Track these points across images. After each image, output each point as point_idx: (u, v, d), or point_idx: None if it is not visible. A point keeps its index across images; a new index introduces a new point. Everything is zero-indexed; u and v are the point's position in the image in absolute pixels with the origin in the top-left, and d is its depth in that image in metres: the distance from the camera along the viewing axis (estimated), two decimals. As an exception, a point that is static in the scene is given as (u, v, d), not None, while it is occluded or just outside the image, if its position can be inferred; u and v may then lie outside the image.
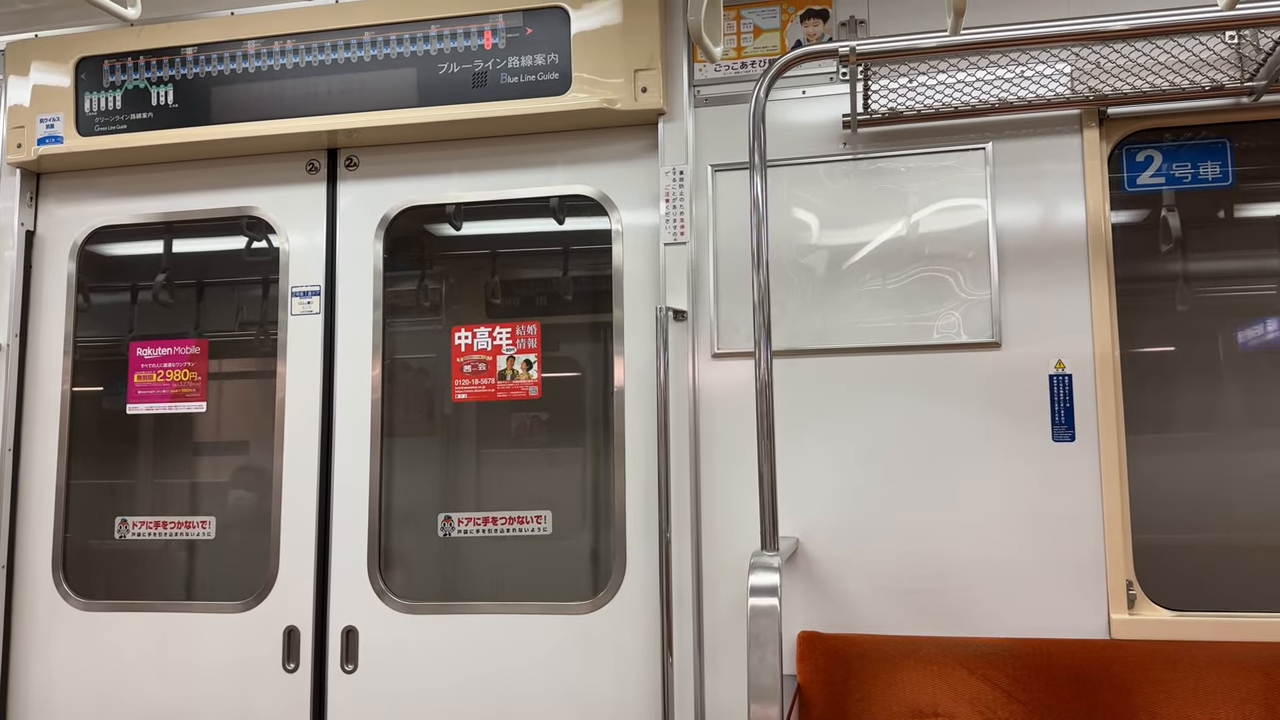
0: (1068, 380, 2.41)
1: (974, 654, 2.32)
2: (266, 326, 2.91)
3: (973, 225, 2.49)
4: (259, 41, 2.82)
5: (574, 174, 2.77)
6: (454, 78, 2.70)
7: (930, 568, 2.43)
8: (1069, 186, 2.45)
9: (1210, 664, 2.23)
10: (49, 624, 2.88)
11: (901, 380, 2.49)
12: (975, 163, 2.50)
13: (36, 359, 2.99)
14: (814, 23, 2.62)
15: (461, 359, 2.78)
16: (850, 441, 2.50)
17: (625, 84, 2.61)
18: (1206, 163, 2.45)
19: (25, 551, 2.92)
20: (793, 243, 2.58)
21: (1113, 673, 2.24)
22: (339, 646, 2.73)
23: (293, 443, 2.81)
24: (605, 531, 2.68)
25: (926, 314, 2.49)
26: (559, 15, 2.66)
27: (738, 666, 2.47)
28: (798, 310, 2.56)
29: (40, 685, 2.87)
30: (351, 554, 2.75)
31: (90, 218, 3.02)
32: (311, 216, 2.90)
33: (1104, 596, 2.35)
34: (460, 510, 2.76)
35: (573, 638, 2.61)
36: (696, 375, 2.59)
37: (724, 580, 2.52)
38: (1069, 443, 2.40)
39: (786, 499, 2.47)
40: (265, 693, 2.74)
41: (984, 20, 2.43)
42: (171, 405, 2.93)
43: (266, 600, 2.77)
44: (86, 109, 2.91)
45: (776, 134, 2.59)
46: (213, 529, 2.87)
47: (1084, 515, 2.37)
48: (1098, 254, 2.42)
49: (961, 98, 2.46)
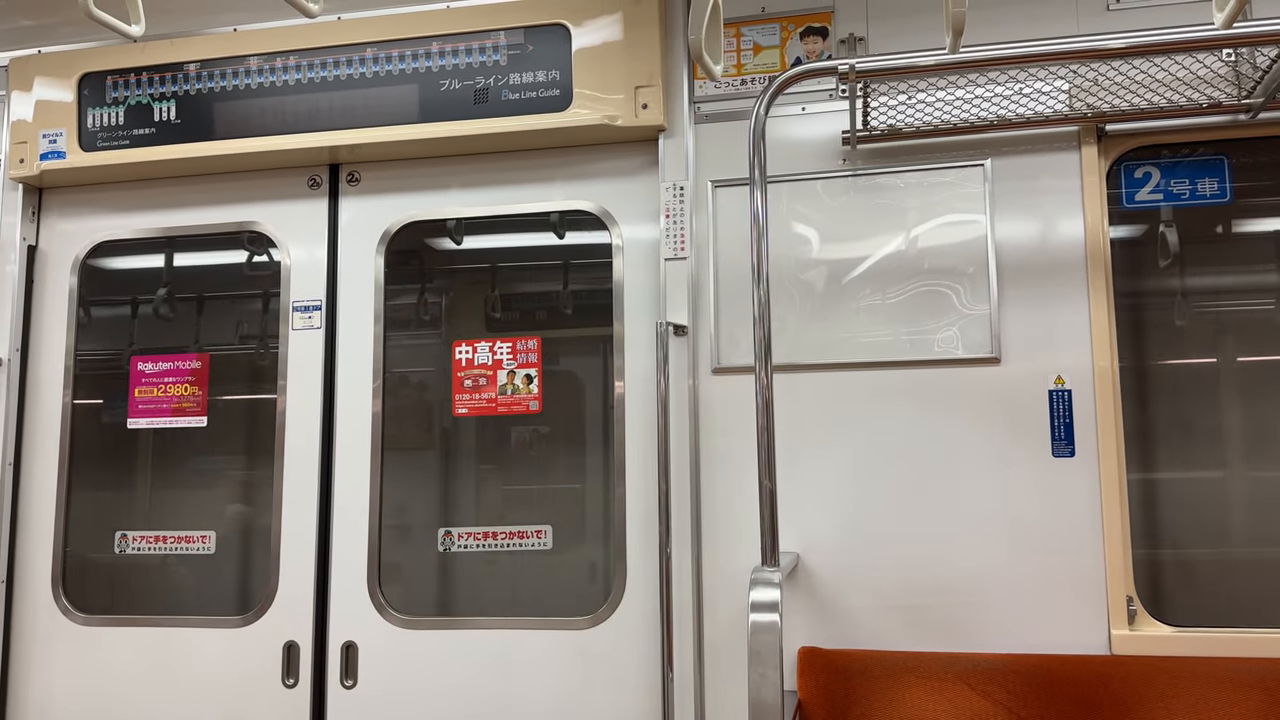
0: (1067, 395, 2.41)
1: (975, 670, 2.32)
2: (267, 341, 2.92)
3: (972, 241, 2.50)
4: (261, 58, 2.83)
5: (575, 189, 2.78)
6: (456, 94, 2.71)
7: (931, 583, 2.43)
8: (1068, 202, 2.47)
9: (1212, 680, 2.22)
10: (48, 638, 2.88)
11: (901, 395, 2.49)
12: (974, 179, 2.51)
13: (38, 374, 2.99)
14: (813, 40, 2.63)
15: (462, 373, 2.78)
16: (850, 456, 2.50)
17: (626, 100, 2.63)
18: (1204, 179, 2.46)
19: (25, 566, 2.92)
20: (792, 258, 2.58)
21: (1113, 689, 2.24)
22: (339, 662, 2.72)
23: (293, 457, 2.81)
24: (606, 546, 2.68)
25: (926, 329, 2.49)
26: (560, 32, 2.67)
27: (738, 682, 2.47)
28: (797, 325, 2.56)
29: (39, 700, 2.86)
30: (351, 569, 2.75)
31: (92, 233, 3.03)
32: (313, 231, 2.91)
33: (1104, 612, 2.35)
34: (460, 525, 2.76)
35: (573, 653, 2.61)
36: (697, 390, 2.59)
37: (724, 595, 2.52)
38: (1069, 458, 2.40)
39: (787, 514, 2.47)
40: (265, 708, 2.73)
41: (983, 38, 2.45)
42: (172, 420, 2.93)
43: (266, 615, 2.77)
44: (89, 124, 2.92)
45: (776, 150, 2.60)
46: (213, 543, 2.86)
47: (1084, 531, 2.37)
48: (1096, 270, 2.43)
49: (961, 114, 2.47)
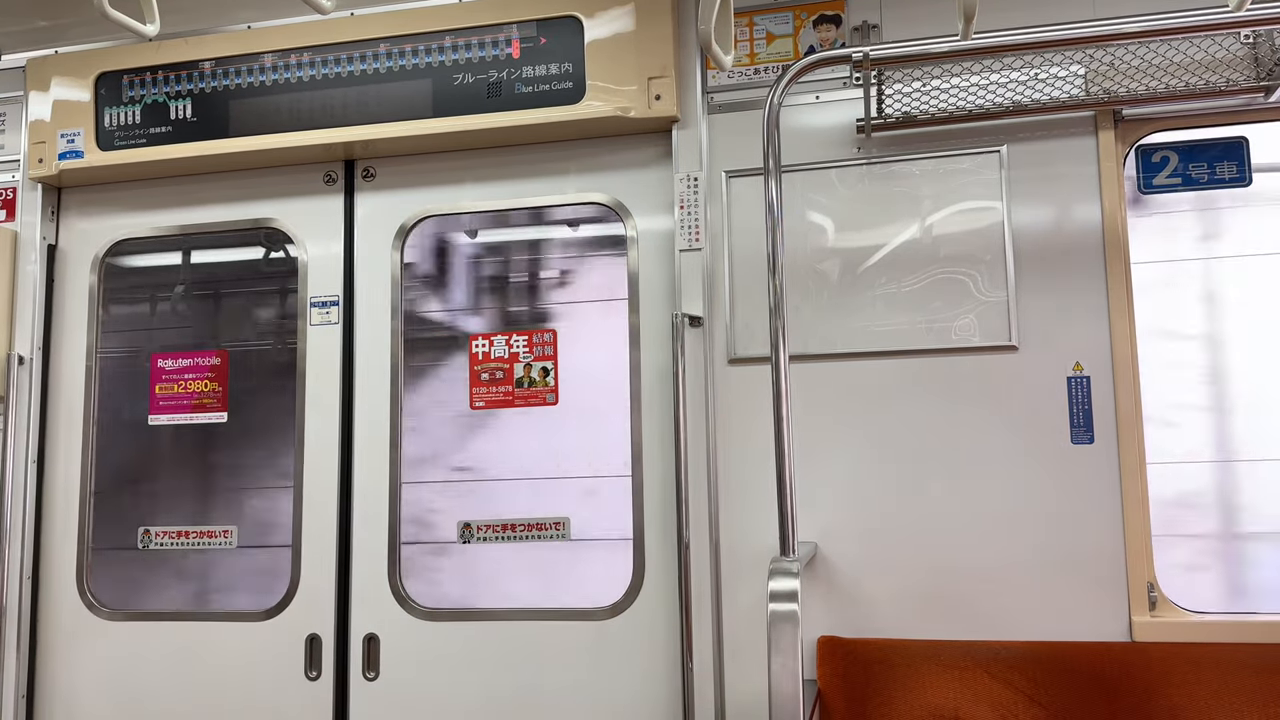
0: (1086, 382, 2.40)
1: (995, 657, 2.31)
2: (285, 337, 2.94)
3: (988, 228, 2.48)
4: (276, 55, 2.84)
5: (589, 181, 2.78)
6: (469, 88, 2.72)
7: (949, 571, 2.43)
8: (1085, 188, 2.45)
9: (1233, 666, 2.22)
10: (74, 634, 2.91)
11: (918, 384, 2.49)
12: (990, 165, 2.50)
13: (59, 371, 3.02)
14: (826, 28, 2.62)
15: (479, 367, 2.79)
16: (867, 445, 2.50)
17: (639, 92, 2.62)
18: (1223, 163, 2.44)
19: (50, 562, 2.95)
20: (807, 247, 2.58)
21: (1134, 675, 2.24)
22: (360, 654, 2.75)
23: (313, 451, 2.83)
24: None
25: (943, 317, 2.48)
26: (572, 25, 2.67)
27: (758, 671, 2.47)
28: (813, 315, 2.56)
29: (65, 695, 2.90)
30: (372, 562, 2.77)
31: (111, 231, 3.06)
32: (329, 227, 2.92)
33: (1125, 599, 2.34)
34: (479, 517, 2.76)
35: (593, 643, 2.62)
36: (713, 381, 2.59)
37: (743, 585, 2.52)
38: (1088, 445, 2.39)
39: (804, 503, 2.47)
40: (288, 701, 2.76)
41: (998, 23, 2.43)
42: (192, 416, 2.96)
43: (288, 609, 2.79)
44: (106, 124, 2.94)
45: (790, 139, 2.58)
46: (235, 538, 2.89)
47: (1104, 517, 2.36)
48: (1115, 255, 2.42)
49: (975, 101, 2.46)
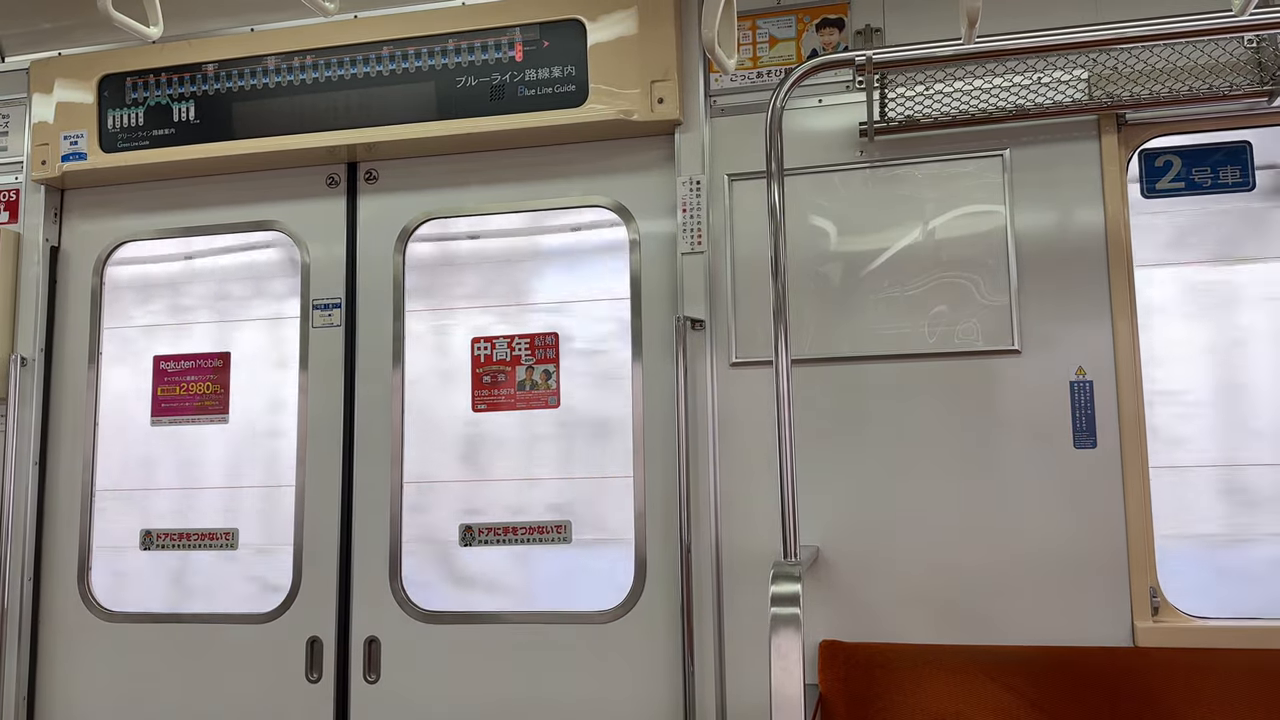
0: (1089, 386, 2.40)
1: (997, 662, 2.31)
2: (288, 339, 2.93)
3: (991, 231, 2.48)
4: (278, 57, 2.84)
5: (591, 184, 2.78)
6: (472, 91, 2.72)
7: (952, 575, 2.42)
8: (1088, 192, 2.45)
9: (1236, 671, 2.21)
10: (75, 635, 2.91)
11: (920, 388, 2.49)
12: (993, 169, 2.49)
13: (62, 372, 3.02)
14: (829, 32, 2.62)
15: (480, 369, 2.79)
16: (869, 449, 2.50)
17: (641, 95, 2.62)
18: (1227, 167, 2.44)
19: (51, 564, 2.95)
20: (810, 251, 2.58)
21: (1136, 680, 2.23)
22: (361, 657, 2.74)
23: (314, 453, 2.83)
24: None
25: (945, 321, 2.48)
26: (575, 28, 2.67)
27: (759, 675, 2.47)
28: (815, 318, 2.56)
29: (66, 695, 2.90)
30: (373, 564, 2.77)
31: (113, 233, 3.06)
32: (332, 229, 2.93)
33: (1127, 603, 2.33)
34: (480, 520, 2.76)
35: (596, 646, 2.62)
36: (715, 384, 2.59)
37: (744, 588, 2.52)
38: (1091, 449, 2.38)
39: (806, 507, 2.46)
40: (289, 703, 2.76)
41: (1000, 27, 2.43)
42: (194, 417, 2.96)
43: (289, 611, 2.79)
44: (109, 126, 2.95)
45: (793, 142, 2.58)
46: (236, 540, 2.89)
47: (1106, 522, 2.36)
48: (1118, 260, 2.41)
49: (978, 105, 2.46)
